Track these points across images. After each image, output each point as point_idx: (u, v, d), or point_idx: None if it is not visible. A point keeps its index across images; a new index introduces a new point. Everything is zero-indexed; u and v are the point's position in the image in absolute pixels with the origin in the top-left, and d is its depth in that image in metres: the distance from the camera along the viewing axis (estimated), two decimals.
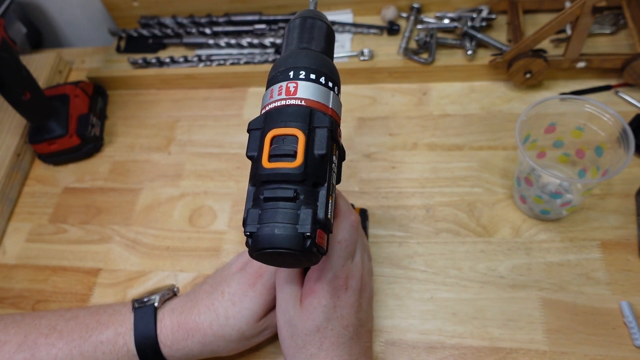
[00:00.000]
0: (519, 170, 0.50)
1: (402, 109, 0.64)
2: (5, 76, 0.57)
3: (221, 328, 0.40)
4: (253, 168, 0.33)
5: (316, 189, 0.32)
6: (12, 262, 0.60)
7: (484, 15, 0.65)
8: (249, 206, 0.32)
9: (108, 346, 0.42)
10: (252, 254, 0.31)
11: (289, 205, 0.30)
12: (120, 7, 0.77)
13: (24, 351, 0.41)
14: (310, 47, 0.36)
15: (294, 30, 0.38)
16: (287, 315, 0.38)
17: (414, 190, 0.56)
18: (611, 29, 0.63)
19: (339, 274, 0.38)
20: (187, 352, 0.41)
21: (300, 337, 0.37)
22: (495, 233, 0.52)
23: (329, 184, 0.32)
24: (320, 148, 0.32)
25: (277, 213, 0.30)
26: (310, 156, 0.31)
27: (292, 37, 0.37)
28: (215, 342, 0.41)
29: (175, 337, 0.41)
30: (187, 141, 0.67)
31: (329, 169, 0.33)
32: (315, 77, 0.34)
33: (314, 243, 0.30)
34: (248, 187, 0.33)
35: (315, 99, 0.33)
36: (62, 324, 0.43)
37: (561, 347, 0.44)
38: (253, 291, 0.41)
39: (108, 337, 0.42)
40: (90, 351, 0.41)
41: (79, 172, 0.67)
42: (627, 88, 0.59)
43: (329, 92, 0.34)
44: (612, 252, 0.49)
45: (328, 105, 0.34)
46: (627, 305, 0.45)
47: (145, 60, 0.73)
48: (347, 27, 0.71)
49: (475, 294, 0.48)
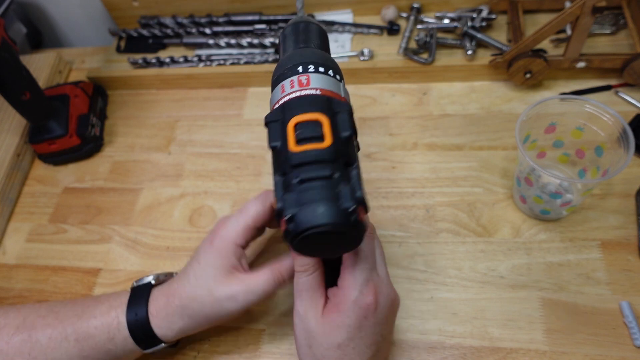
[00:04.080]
0: (519, 170, 0.50)
1: (402, 109, 0.64)
2: (5, 76, 0.57)
3: (192, 289, 0.41)
4: (279, 157, 0.32)
5: (348, 168, 0.32)
6: (12, 262, 0.60)
7: (484, 15, 0.65)
8: (281, 194, 0.31)
9: (100, 320, 0.42)
10: (293, 242, 0.31)
11: (327, 183, 0.30)
12: (120, 7, 0.77)
13: (21, 333, 0.42)
14: (309, 45, 0.37)
15: (289, 36, 0.38)
16: (306, 323, 0.37)
17: (414, 190, 0.56)
18: (611, 29, 0.62)
19: (365, 291, 0.36)
20: (170, 321, 0.41)
21: (318, 350, 0.36)
22: (495, 233, 0.52)
23: (357, 164, 0.32)
24: (345, 130, 0.32)
25: (317, 192, 0.30)
26: (337, 138, 0.32)
27: (288, 42, 0.38)
28: (190, 306, 0.41)
29: (159, 305, 0.42)
30: (187, 141, 0.67)
31: (355, 150, 0.33)
32: (324, 69, 0.35)
33: (358, 219, 0.30)
34: (274, 178, 0.32)
35: (329, 88, 0.34)
36: (60, 306, 0.44)
37: (561, 347, 0.44)
38: (212, 247, 0.41)
39: (102, 311, 0.42)
40: (83, 327, 0.42)
41: (79, 172, 0.67)
42: (627, 88, 0.59)
43: (338, 82, 0.35)
44: (612, 252, 0.49)
45: (341, 94, 0.35)
46: (627, 306, 0.45)
47: (145, 60, 0.73)
48: (347, 27, 0.71)
49: (475, 294, 0.48)
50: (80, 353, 0.41)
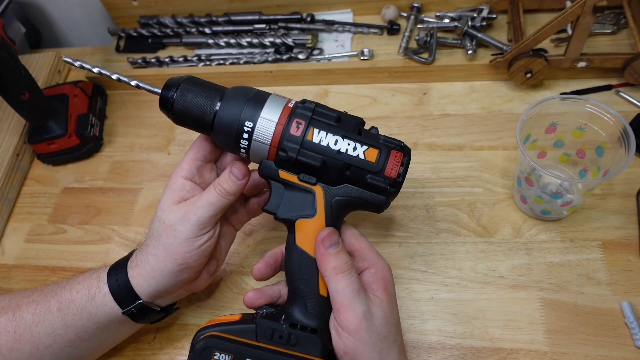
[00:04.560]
0: (520, 170, 0.50)
1: (402, 109, 0.64)
2: (4, 76, 0.57)
3: (152, 222, 0.42)
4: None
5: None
6: (12, 262, 0.60)
7: (485, 14, 0.65)
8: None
9: (82, 283, 0.43)
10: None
11: None
12: (119, 7, 0.77)
13: (6, 313, 0.42)
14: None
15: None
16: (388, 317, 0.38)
17: (414, 190, 0.56)
18: (612, 28, 0.62)
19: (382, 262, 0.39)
20: (142, 267, 0.42)
21: (384, 329, 0.37)
22: (495, 233, 0.52)
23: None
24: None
25: None
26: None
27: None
28: (152, 243, 0.42)
29: (135, 257, 0.43)
30: (187, 141, 0.67)
31: None
32: None
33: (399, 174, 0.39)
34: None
35: None
36: (46, 286, 0.44)
37: (562, 348, 0.44)
38: (165, 188, 0.43)
39: (85, 276, 0.44)
40: (65, 295, 0.42)
41: (78, 172, 0.67)
42: (628, 88, 0.59)
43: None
44: (613, 253, 0.48)
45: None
46: (628, 306, 0.45)
47: (144, 60, 0.73)
48: (347, 27, 0.70)
49: (475, 294, 0.48)
50: (63, 322, 0.42)
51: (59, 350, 0.42)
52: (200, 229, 0.41)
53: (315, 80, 0.68)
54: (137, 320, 0.43)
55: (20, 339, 0.41)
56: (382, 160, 0.39)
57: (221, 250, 0.47)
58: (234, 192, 0.41)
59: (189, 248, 0.41)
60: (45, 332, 0.42)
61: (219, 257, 0.47)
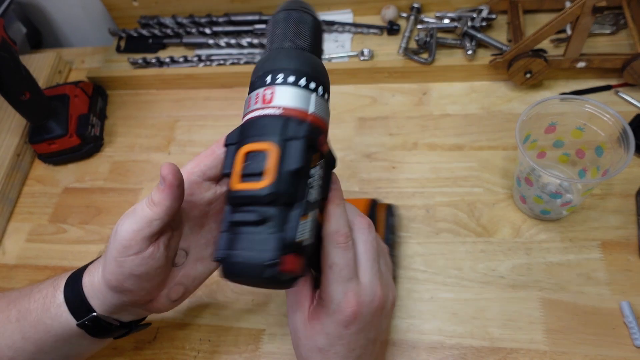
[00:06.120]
0: (519, 170, 0.50)
1: (402, 109, 0.64)
2: (4, 76, 0.57)
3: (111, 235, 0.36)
4: (227, 187, 0.31)
5: (288, 209, 0.29)
6: (12, 262, 0.60)
7: (484, 15, 0.65)
8: (223, 228, 0.30)
9: (40, 293, 0.39)
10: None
11: (254, 230, 0.28)
12: (120, 7, 0.77)
13: None
14: (294, 44, 0.33)
15: (277, 26, 0.34)
16: (292, 323, 0.37)
17: (414, 190, 0.56)
18: (611, 28, 0.62)
19: (344, 303, 0.33)
20: (93, 275, 0.38)
21: (303, 350, 0.36)
22: (495, 233, 0.52)
23: (305, 202, 0.30)
24: (292, 163, 0.29)
25: (241, 239, 0.28)
26: (282, 173, 0.29)
27: (275, 33, 0.34)
28: (112, 267, 0.35)
29: (97, 260, 0.39)
30: (187, 141, 0.67)
31: (305, 184, 0.30)
32: (295, 79, 0.31)
33: (280, 271, 0.28)
34: (225, 207, 0.31)
35: (293, 105, 0.30)
36: (15, 292, 0.42)
37: (561, 347, 0.44)
38: None
39: (46, 283, 0.40)
40: (24, 304, 0.40)
41: (78, 172, 0.67)
42: (628, 88, 0.59)
43: (309, 94, 0.31)
44: (613, 252, 0.49)
45: (307, 110, 0.31)
46: (627, 305, 0.45)
47: (145, 60, 0.73)
48: (347, 27, 0.70)
49: (475, 294, 0.48)
50: (22, 334, 0.39)
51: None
52: (128, 241, 0.34)
53: None
54: (95, 335, 0.39)
55: None
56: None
57: (192, 276, 0.39)
58: (157, 201, 0.33)
59: (124, 257, 0.34)
60: (5, 344, 0.39)
61: (186, 283, 0.39)
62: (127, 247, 0.34)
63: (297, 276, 0.30)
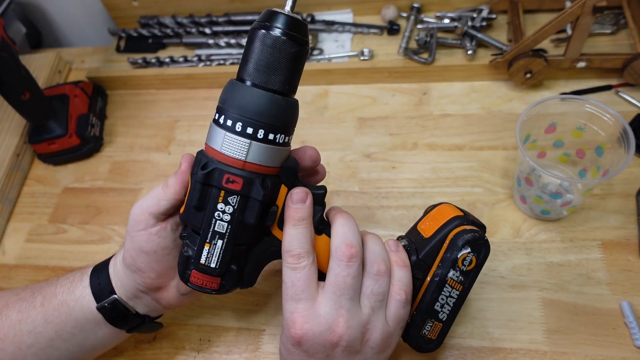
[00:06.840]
0: (520, 170, 0.50)
1: (402, 109, 0.64)
2: (4, 76, 0.57)
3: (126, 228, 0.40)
4: None
5: (197, 235, 0.36)
6: (12, 262, 0.60)
7: (484, 15, 0.65)
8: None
9: (70, 277, 0.42)
10: None
11: (185, 243, 0.37)
12: (120, 7, 0.77)
13: None
14: (267, 82, 0.34)
15: (252, 47, 0.35)
16: (283, 331, 0.37)
17: (414, 190, 0.56)
18: (612, 28, 0.62)
19: (289, 323, 0.34)
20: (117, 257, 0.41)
21: (281, 346, 0.37)
22: (495, 233, 0.52)
23: (208, 231, 0.35)
24: (192, 199, 0.35)
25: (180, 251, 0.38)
26: (187, 206, 0.36)
27: (250, 55, 0.35)
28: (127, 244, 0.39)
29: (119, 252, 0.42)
30: (187, 141, 0.67)
31: (211, 218, 0.35)
32: (241, 127, 0.33)
33: (188, 282, 0.37)
34: None
35: (226, 152, 0.34)
36: (39, 283, 0.44)
37: (561, 348, 0.44)
38: None
39: (76, 272, 0.43)
40: (51, 289, 0.42)
41: (78, 172, 0.67)
42: (628, 88, 0.59)
43: (247, 142, 0.33)
44: (613, 252, 0.49)
45: (242, 159, 0.34)
46: (628, 306, 0.45)
47: (145, 60, 0.73)
48: (347, 27, 0.70)
49: (475, 294, 0.48)
50: (44, 318, 0.41)
51: (40, 350, 0.41)
52: (138, 215, 0.38)
53: (316, 80, 0.68)
54: (111, 321, 0.41)
55: (5, 339, 0.41)
56: None
57: None
58: (170, 184, 0.37)
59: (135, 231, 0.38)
60: (27, 330, 0.41)
61: None
62: (137, 222, 0.38)
63: (211, 291, 0.37)
